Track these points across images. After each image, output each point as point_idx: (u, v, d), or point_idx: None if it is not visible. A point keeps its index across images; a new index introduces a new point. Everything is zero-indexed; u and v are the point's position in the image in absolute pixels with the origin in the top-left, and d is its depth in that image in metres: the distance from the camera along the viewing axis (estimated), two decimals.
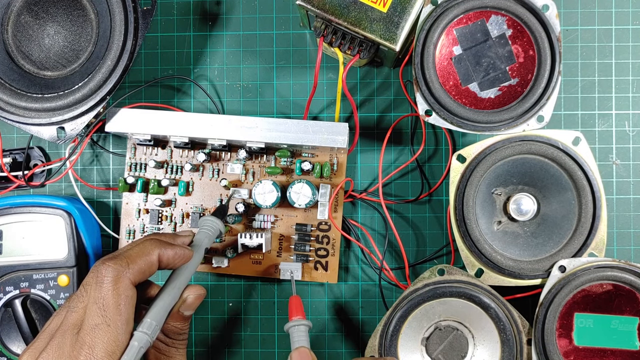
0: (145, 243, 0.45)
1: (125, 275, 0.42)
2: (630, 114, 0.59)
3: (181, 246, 0.47)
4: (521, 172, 0.54)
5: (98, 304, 0.40)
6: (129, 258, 0.43)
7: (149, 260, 0.44)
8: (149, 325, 0.42)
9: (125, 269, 0.42)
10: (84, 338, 0.40)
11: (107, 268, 0.41)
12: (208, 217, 0.52)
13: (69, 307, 0.42)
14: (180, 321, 0.47)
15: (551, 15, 0.51)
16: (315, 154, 0.59)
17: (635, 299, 0.51)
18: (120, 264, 0.42)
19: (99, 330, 0.40)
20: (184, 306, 0.47)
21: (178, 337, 0.48)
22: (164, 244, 0.45)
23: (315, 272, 0.58)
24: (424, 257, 0.60)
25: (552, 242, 0.53)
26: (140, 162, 0.59)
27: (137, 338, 0.42)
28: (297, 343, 0.50)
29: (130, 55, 0.54)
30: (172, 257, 0.45)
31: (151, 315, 0.43)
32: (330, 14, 0.52)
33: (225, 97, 0.61)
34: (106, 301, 0.40)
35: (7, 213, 0.57)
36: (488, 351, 0.53)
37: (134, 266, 0.42)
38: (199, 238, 0.50)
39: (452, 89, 0.53)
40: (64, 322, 0.41)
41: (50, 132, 0.54)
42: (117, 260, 0.42)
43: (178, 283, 0.46)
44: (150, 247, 0.44)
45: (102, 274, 0.41)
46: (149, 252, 0.44)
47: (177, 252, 0.46)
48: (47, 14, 0.55)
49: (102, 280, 0.41)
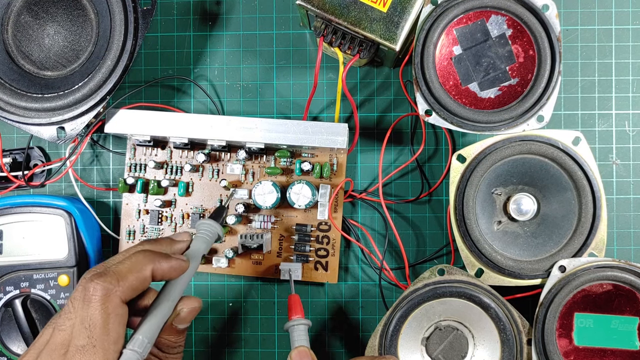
0: (138, 256, 0.42)
1: (115, 293, 0.39)
2: (630, 113, 0.59)
3: (177, 258, 0.44)
4: (521, 172, 0.54)
5: (85, 324, 0.38)
6: (119, 274, 0.40)
7: (141, 277, 0.41)
8: (141, 343, 0.40)
9: (115, 287, 0.39)
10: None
11: (95, 286, 0.38)
12: (205, 221, 0.49)
13: (57, 324, 0.39)
14: (174, 335, 0.44)
15: (551, 15, 0.51)
16: (315, 155, 0.59)
17: (635, 299, 0.51)
18: (109, 281, 0.39)
19: (86, 352, 0.37)
20: (177, 319, 0.44)
21: (172, 351, 0.45)
22: (158, 256, 0.42)
23: (315, 272, 0.58)
24: (424, 257, 0.60)
25: (552, 242, 0.53)
26: (140, 163, 0.59)
27: (127, 357, 0.39)
28: (297, 342, 0.50)
29: (130, 55, 0.54)
30: (167, 270, 0.42)
31: (142, 332, 0.41)
32: (330, 14, 0.52)
33: (225, 97, 0.61)
34: (93, 321, 0.38)
35: (7, 213, 0.57)
36: (488, 351, 0.53)
37: (124, 283, 0.39)
38: (196, 246, 0.48)
39: (452, 88, 0.53)
40: (51, 340, 0.39)
41: (50, 132, 0.54)
42: (106, 277, 0.39)
43: (172, 295, 0.43)
44: (142, 261, 0.41)
45: (90, 292, 0.38)
46: (141, 267, 0.41)
47: (173, 265, 0.43)
48: (47, 14, 0.55)
49: (89, 299, 0.38)
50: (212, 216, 0.51)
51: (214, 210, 0.52)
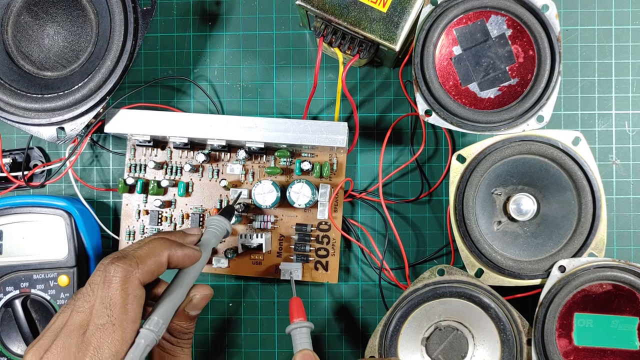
0: (155, 242, 0.44)
1: (135, 275, 0.41)
2: (630, 114, 0.59)
3: (190, 247, 0.46)
4: (521, 172, 0.54)
5: (105, 304, 0.40)
6: (139, 258, 0.42)
7: (158, 261, 0.43)
8: (156, 323, 0.42)
9: (135, 269, 0.41)
10: (90, 339, 0.39)
11: (116, 267, 0.40)
12: (216, 217, 0.51)
13: (75, 306, 0.41)
14: (186, 320, 0.47)
15: (551, 15, 0.51)
16: (315, 154, 0.59)
17: (635, 299, 0.51)
18: (129, 263, 0.41)
19: (105, 330, 0.39)
20: (190, 306, 0.46)
21: (183, 337, 0.47)
22: (174, 244, 0.45)
23: (316, 272, 0.58)
24: (424, 257, 0.60)
25: (552, 242, 0.53)
26: (140, 163, 0.59)
27: (144, 335, 0.41)
28: (300, 345, 0.50)
29: (130, 56, 0.54)
30: (181, 257, 0.45)
31: (158, 313, 0.43)
32: (330, 14, 0.52)
33: (225, 97, 0.61)
34: (113, 300, 0.40)
35: (7, 213, 0.57)
36: (488, 351, 0.53)
37: (144, 266, 0.42)
38: (207, 238, 0.50)
39: (452, 89, 0.53)
40: (69, 321, 0.40)
41: (50, 132, 0.54)
42: (126, 260, 0.41)
43: (185, 282, 0.46)
44: (160, 247, 0.44)
45: (110, 274, 0.40)
46: (158, 252, 0.43)
47: (187, 253, 0.45)
48: (47, 14, 0.55)
49: (110, 280, 0.40)
50: (222, 213, 0.53)
51: (224, 209, 0.54)
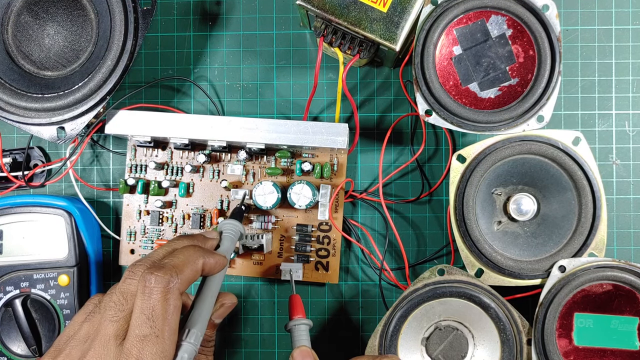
0: (189, 250, 0.43)
1: (175, 285, 0.40)
2: (630, 114, 0.59)
3: (218, 254, 0.45)
4: (521, 172, 0.54)
5: (146, 314, 0.39)
6: (177, 268, 0.41)
7: (195, 270, 0.42)
8: (196, 337, 0.42)
9: (175, 279, 0.40)
10: (131, 350, 0.38)
11: (156, 278, 0.39)
12: (229, 221, 0.50)
13: (106, 315, 0.40)
14: (211, 329, 0.46)
15: (551, 15, 0.51)
16: (316, 155, 0.59)
17: (635, 299, 0.51)
18: (170, 273, 0.40)
19: (148, 341, 0.38)
20: (216, 314, 0.46)
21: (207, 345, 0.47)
22: (206, 252, 0.44)
23: (316, 272, 0.58)
24: (424, 257, 0.60)
25: (552, 242, 0.53)
26: (141, 164, 0.59)
27: (187, 350, 0.41)
28: (299, 342, 0.50)
29: (130, 55, 0.54)
30: (213, 265, 0.44)
31: (197, 326, 0.42)
32: (330, 14, 0.52)
33: (225, 98, 0.61)
34: (155, 312, 0.39)
35: (7, 213, 0.57)
36: (488, 351, 0.53)
37: (183, 276, 0.41)
38: (225, 244, 0.49)
39: (452, 89, 0.53)
40: (101, 331, 0.39)
41: (50, 132, 0.54)
42: (166, 270, 0.40)
43: (213, 291, 0.45)
44: (195, 255, 0.43)
45: (151, 284, 0.39)
46: (194, 261, 0.43)
47: (218, 260, 0.44)
48: (47, 14, 0.55)
49: (150, 291, 0.39)
50: (233, 216, 0.52)
51: (233, 212, 0.53)
